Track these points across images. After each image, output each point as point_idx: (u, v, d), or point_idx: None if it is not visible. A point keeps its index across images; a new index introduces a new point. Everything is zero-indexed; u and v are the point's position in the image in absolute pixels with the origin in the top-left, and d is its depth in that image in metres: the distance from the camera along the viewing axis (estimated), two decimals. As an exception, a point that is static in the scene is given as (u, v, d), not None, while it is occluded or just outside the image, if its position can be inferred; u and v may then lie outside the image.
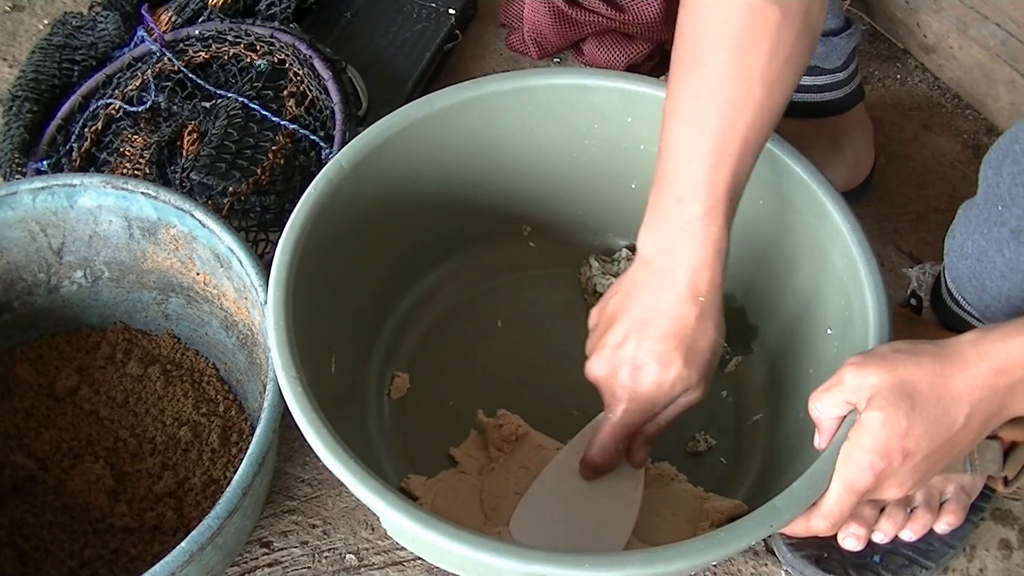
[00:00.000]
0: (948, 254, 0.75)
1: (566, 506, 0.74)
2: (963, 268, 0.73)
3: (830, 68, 0.90)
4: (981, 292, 0.72)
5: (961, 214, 0.74)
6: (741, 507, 0.74)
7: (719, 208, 0.67)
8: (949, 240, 0.75)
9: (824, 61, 0.89)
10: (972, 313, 0.75)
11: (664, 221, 0.68)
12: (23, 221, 0.82)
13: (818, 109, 0.92)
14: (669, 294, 0.68)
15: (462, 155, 0.84)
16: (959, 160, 1.04)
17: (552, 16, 1.09)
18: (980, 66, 1.04)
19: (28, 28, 1.16)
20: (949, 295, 0.77)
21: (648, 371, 0.69)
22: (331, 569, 0.79)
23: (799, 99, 0.92)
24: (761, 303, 0.85)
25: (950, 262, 0.75)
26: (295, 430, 0.64)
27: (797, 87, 0.90)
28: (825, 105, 0.92)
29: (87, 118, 0.98)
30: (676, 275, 0.68)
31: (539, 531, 0.73)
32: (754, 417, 0.82)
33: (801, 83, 0.91)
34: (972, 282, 0.72)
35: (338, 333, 0.78)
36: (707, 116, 0.65)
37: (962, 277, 0.73)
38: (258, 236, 0.91)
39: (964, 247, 0.73)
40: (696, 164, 0.66)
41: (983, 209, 0.70)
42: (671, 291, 0.68)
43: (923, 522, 0.76)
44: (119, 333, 0.87)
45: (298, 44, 0.97)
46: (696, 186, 0.66)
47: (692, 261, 0.67)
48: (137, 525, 0.77)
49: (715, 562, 0.67)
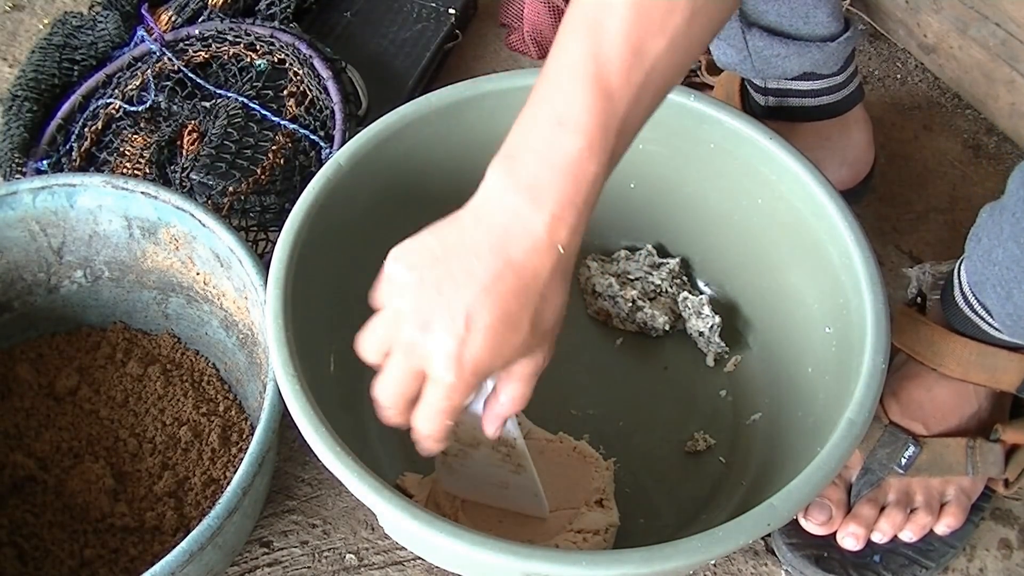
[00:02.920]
0: (971, 258, 0.74)
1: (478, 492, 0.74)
2: (988, 274, 0.72)
3: (827, 73, 0.90)
4: (1006, 300, 0.71)
5: (988, 219, 0.72)
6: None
7: (605, 146, 0.55)
8: (973, 244, 0.73)
9: (821, 67, 0.88)
10: (985, 318, 0.75)
11: (531, 150, 0.55)
12: (23, 221, 0.82)
13: (817, 113, 0.92)
14: (522, 240, 0.55)
15: (461, 154, 0.83)
16: (959, 160, 1.04)
17: (552, 16, 1.09)
18: (980, 66, 1.04)
19: (28, 28, 1.16)
20: (963, 298, 0.76)
21: (484, 336, 0.55)
22: (331, 569, 0.80)
23: (797, 103, 0.91)
24: (760, 302, 0.85)
25: (972, 267, 0.74)
26: (295, 430, 0.64)
27: (794, 92, 0.91)
28: (824, 109, 0.92)
29: (87, 118, 0.99)
30: (534, 217, 0.55)
31: (466, 486, 0.73)
32: (752, 416, 0.82)
33: (798, 88, 0.90)
34: (997, 289, 0.71)
35: (337, 332, 0.78)
36: (614, 34, 0.54)
37: (985, 283, 0.72)
38: (258, 236, 0.91)
39: (993, 253, 0.71)
40: (591, 86, 0.54)
41: (1021, 217, 0.68)
42: (524, 236, 0.55)
43: (923, 523, 0.76)
44: (119, 333, 0.87)
45: (298, 44, 0.97)
46: (584, 111, 0.54)
47: (559, 200, 0.55)
48: (137, 525, 0.77)
49: (713, 560, 0.67)
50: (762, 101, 0.92)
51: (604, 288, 0.87)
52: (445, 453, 0.72)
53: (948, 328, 0.78)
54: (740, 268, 0.86)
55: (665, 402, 0.84)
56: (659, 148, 0.83)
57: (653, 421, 0.82)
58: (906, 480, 0.77)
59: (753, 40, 0.85)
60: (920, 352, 0.78)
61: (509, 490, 0.72)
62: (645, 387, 0.85)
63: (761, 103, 0.92)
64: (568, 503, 0.75)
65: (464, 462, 0.71)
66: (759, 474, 0.77)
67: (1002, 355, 0.76)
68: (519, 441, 0.68)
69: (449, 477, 0.73)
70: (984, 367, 0.76)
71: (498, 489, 0.72)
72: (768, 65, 0.87)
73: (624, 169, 0.86)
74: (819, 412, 0.73)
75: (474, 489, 0.74)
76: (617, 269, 0.89)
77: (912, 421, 0.78)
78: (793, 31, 0.85)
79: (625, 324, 0.87)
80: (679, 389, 0.84)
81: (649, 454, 0.81)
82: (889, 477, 0.77)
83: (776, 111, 0.92)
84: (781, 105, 0.92)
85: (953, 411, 0.78)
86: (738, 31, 0.85)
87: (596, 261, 0.89)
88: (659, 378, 0.85)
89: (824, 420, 0.71)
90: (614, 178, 0.87)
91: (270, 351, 0.67)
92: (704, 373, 0.85)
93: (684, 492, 0.79)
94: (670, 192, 0.86)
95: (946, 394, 0.78)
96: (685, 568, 0.61)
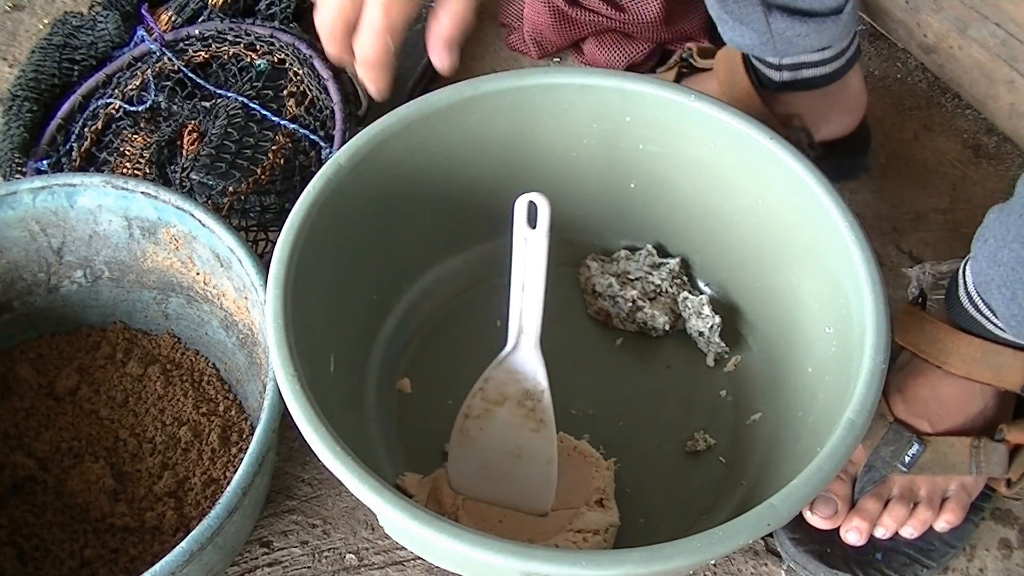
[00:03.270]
0: (977, 258, 0.74)
1: (487, 469, 0.75)
2: (994, 274, 0.72)
3: (840, 48, 0.91)
4: (1011, 301, 0.71)
5: (995, 220, 0.72)
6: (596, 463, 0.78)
7: None
8: (980, 245, 0.74)
9: (837, 40, 0.89)
10: (990, 317, 0.75)
11: None
12: (23, 221, 0.82)
13: (828, 79, 0.93)
14: None
15: (461, 154, 0.84)
16: (959, 160, 1.04)
17: (552, 16, 1.09)
18: (980, 66, 1.04)
19: (28, 28, 1.16)
20: (968, 298, 0.77)
21: None
22: (331, 569, 0.80)
23: (810, 75, 0.92)
24: (760, 302, 0.85)
25: (978, 267, 0.74)
26: (295, 430, 0.64)
27: (808, 64, 0.91)
28: (835, 74, 0.93)
29: (87, 118, 0.99)
30: None
31: (473, 487, 0.74)
32: (753, 416, 0.82)
33: (812, 60, 0.90)
34: (1002, 290, 0.71)
35: (337, 332, 0.78)
36: None
37: (991, 283, 0.72)
38: (258, 236, 0.91)
39: (999, 254, 0.71)
40: None
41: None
42: None
43: (924, 518, 0.77)
44: (119, 333, 0.87)
45: (298, 44, 0.98)
46: None
47: None
48: (137, 525, 0.77)
49: (713, 560, 0.67)
50: (776, 77, 0.92)
51: (604, 288, 0.87)
52: (467, 415, 0.74)
53: (952, 325, 0.78)
54: (740, 268, 0.86)
55: (665, 402, 0.84)
56: (659, 148, 0.83)
57: (653, 421, 0.82)
58: (910, 477, 0.77)
59: (775, 22, 0.86)
60: (925, 350, 0.78)
61: (522, 460, 0.73)
62: (645, 387, 0.85)
63: (775, 79, 0.92)
64: (568, 503, 0.75)
65: (484, 424, 0.73)
66: (759, 474, 0.77)
67: (1007, 353, 0.76)
68: (546, 394, 0.72)
69: (460, 453, 0.74)
70: (989, 365, 0.76)
71: (510, 460, 0.73)
72: (789, 45, 0.88)
73: (624, 169, 0.87)
74: (819, 412, 0.73)
75: (483, 468, 0.74)
76: (617, 269, 0.89)
77: (917, 418, 0.78)
78: (808, 7, 0.86)
79: (625, 324, 0.87)
80: (679, 389, 0.84)
81: (649, 454, 0.81)
82: (892, 474, 0.77)
83: (789, 84, 0.93)
84: (795, 78, 0.92)
85: (958, 409, 0.78)
86: (761, 15, 0.85)
87: (596, 261, 0.89)
88: (659, 378, 0.85)
89: (824, 420, 0.71)
90: (614, 178, 0.88)
91: (270, 351, 0.67)
92: (704, 373, 0.85)
93: (684, 492, 0.79)
94: (670, 192, 0.86)
95: (951, 392, 0.78)
96: (685, 568, 0.61)
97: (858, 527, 0.76)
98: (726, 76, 0.94)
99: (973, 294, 0.75)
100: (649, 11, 1.06)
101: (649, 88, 0.80)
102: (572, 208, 0.89)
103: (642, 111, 0.81)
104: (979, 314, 0.76)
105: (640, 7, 1.06)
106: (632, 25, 1.07)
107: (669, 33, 1.08)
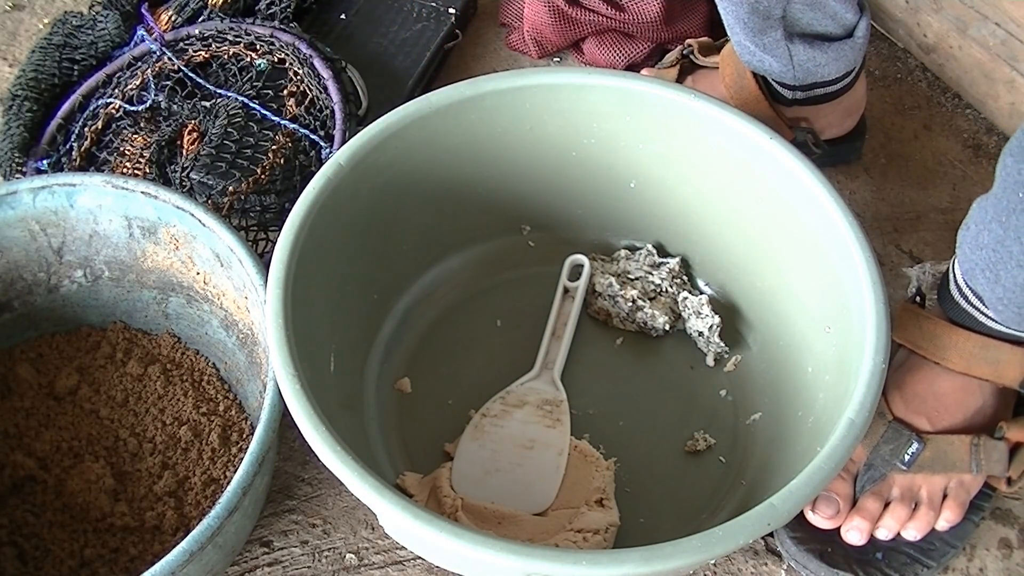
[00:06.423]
0: (961, 246, 0.74)
1: (495, 461, 0.76)
2: (977, 259, 0.72)
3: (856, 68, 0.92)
4: (995, 283, 0.71)
5: (976, 207, 0.73)
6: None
7: None
8: (963, 233, 0.74)
9: (853, 63, 0.91)
10: (980, 307, 0.75)
11: None
12: (23, 220, 0.82)
13: (839, 93, 0.94)
14: None
15: (461, 154, 0.84)
16: (959, 160, 1.04)
17: (552, 15, 1.09)
18: (980, 66, 1.04)
19: (28, 28, 1.16)
20: (958, 290, 0.77)
21: None
22: (331, 568, 0.80)
23: (822, 92, 0.93)
24: (760, 301, 0.85)
25: (963, 254, 0.74)
26: (295, 429, 0.64)
27: (822, 83, 0.92)
28: (845, 87, 0.93)
29: (87, 117, 0.99)
30: None
31: (475, 485, 0.75)
32: (753, 416, 0.82)
33: (826, 79, 0.91)
34: (986, 273, 0.72)
35: (337, 332, 0.78)
36: None
37: (975, 268, 0.73)
38: (258, 235, 0.91)
39: (980, 237, 0.72)
40: None
41: (1001, 198, 0.69)
42: None
43: (926, 519, 0.76)
44: (119, 332, 0.87)
45: (298, 43, 0.97)
46: None
47: None
48: (137, 525, 0.77)
49: (713, 560, 0.67)
50: (789, 95, 0.93)
51: (604, 288, 0.87)
52: (484, 415, 0.78)
53: (949, 321, 0.78)
54: (740, 268, 0.86)
55: (665, 402, 0.84)
56: (659, 148, 0.83)
57: (653, 421, 0.83)
58: (910, 476, 0.77)
59: (797, 54, 0.87)
60: (923, 346, 0.78)
61: (534, 450, 0.75)
62: (645, 387, 0.85)
63: (789, 97, 0.93)
64: (568, 502, 0.75)
65: (501, 421, 0.77)
66: (759, 474, 0.77)
67: (1005, 349, 0.76)
68: (565, 404, 0.80)
69: (471, 446, 0.76)
70: (987, 360, 0.76)
71: (522, 451, 0.74)
72: (809, 73, 0.90)
73: (624, 169, 0.87)
74: (819, 412, 0.73)
75: (492, 460, 0.75)
76: (617, 269, 0.89)
77: (916, 416, 0.78)
78: (824, 30, 0.87)
79: (625, 324, 0.87)
80: (679, 389, 0.84)
81: (649, 454, 0.81)
82: (892, 473, 0.77)
83: (803, 100, 0.94)
84: (808, 96, 0.93)
85: (957, 406, 0.78)
86: (783, 45, 0.86)
87: (596, 261, 0.89)
88: (659, 378, 0.85)
89: (824, 420, 0.71)
90: (614, 178, 0.88)
91: (270, 351, 0.67)
92: (704, 373, 0.85)
93: (684, 492, 0.79)
94: (670, 192, 0.86)
95: (949, 388, 0.78)
96: (685, 568, 0.61)
97: (859, 527, 0.76)
98: (733, 80, 0.94)
99: (962, 285, 0.76)
100: (649, 11, 1.06)
101: (649, 88, 0.81)
102: (572, 207, 0.89)
103: (642, 111, 0.81)
104: (970, 305, 0.76)
105: (640, 7, 1.06)
106: (632, 25, 1.07)
107: (669, 33, 1.08)
